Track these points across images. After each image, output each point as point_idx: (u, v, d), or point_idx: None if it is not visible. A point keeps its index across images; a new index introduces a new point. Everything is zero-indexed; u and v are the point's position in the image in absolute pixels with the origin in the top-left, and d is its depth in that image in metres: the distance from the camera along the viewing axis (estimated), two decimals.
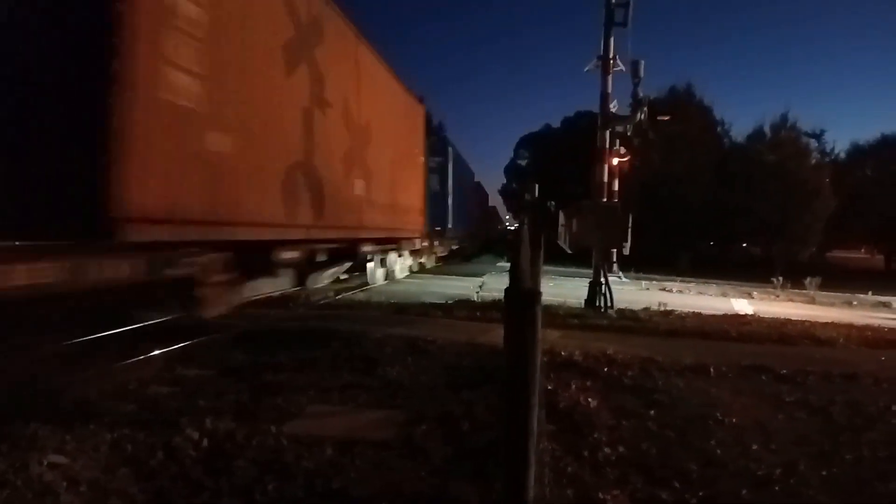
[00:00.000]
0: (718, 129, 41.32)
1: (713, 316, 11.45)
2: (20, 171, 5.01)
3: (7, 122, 5.00)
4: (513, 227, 36.58)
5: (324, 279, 11.18)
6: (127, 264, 5.43)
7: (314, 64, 8.62)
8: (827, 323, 11.18)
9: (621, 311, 11.35)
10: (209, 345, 6.97)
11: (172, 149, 5.50)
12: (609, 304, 11.56)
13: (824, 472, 4.03)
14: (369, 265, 14.41)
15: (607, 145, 13.90)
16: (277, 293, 9.45)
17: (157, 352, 6.32)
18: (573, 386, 5.64)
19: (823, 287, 19.66)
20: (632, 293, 16.00)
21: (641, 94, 15.17)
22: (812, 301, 17.21)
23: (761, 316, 12.12)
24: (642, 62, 15.09)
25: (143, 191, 5.10)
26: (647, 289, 18.35)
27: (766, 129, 38.32)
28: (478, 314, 10.12)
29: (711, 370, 6.65)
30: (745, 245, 44.32)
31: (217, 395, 5.15)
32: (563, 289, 15.38)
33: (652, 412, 5.11)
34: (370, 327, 8.15)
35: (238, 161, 6.55)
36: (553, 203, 9.40)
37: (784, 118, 37.92)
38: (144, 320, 7.28)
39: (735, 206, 34.80)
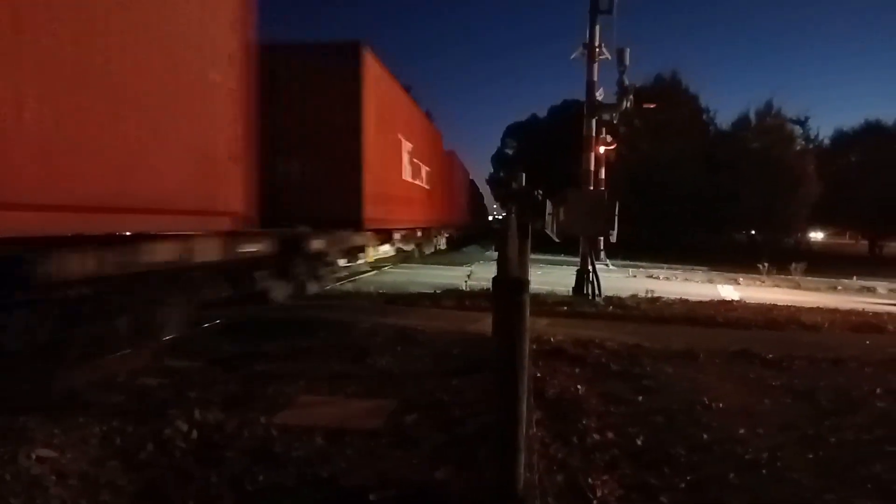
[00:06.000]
0: (704, 116, 41.49)
1: (700, 302, 11.52)
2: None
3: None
4: (500, 217, 37.06)
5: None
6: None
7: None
8: (812, 308, 11.26)
9: (609, 299, 11.39)
10: (198, 336, 6.93)
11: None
12: (597, 291, 11.60)
13: (810, 456, 4.09)
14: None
15: (594, 133, 13.89)
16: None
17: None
18: (562, 373, 5.68)
19: (808, 272, 19.83)
20: (619, 280, 16.07)
21: (627, 83, 15.11)
22: (797, 286, 17.34)
23: (748, 302, 12.19)
24: (628, 50, 15.04)
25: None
26: (635, 276, 18.42)
27: (752, 116, 38.56)
28: (466, 303, 10.14)
29: (699, 356, 6.70)
30: (732, 232, 44.59)
31: (206, 386, 5.13)
32: (550, 277, 15.43)
33: (640, 398, 5.16)
34: (359, 317, 8.15)
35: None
36: (540, 192, 9.44)
37: (769, 105, 38.19)
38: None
39: (722, 193, 35.00)
